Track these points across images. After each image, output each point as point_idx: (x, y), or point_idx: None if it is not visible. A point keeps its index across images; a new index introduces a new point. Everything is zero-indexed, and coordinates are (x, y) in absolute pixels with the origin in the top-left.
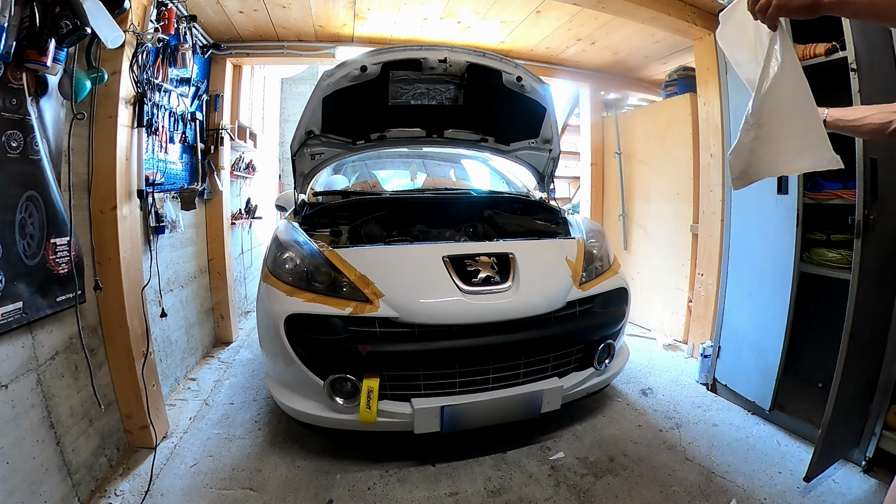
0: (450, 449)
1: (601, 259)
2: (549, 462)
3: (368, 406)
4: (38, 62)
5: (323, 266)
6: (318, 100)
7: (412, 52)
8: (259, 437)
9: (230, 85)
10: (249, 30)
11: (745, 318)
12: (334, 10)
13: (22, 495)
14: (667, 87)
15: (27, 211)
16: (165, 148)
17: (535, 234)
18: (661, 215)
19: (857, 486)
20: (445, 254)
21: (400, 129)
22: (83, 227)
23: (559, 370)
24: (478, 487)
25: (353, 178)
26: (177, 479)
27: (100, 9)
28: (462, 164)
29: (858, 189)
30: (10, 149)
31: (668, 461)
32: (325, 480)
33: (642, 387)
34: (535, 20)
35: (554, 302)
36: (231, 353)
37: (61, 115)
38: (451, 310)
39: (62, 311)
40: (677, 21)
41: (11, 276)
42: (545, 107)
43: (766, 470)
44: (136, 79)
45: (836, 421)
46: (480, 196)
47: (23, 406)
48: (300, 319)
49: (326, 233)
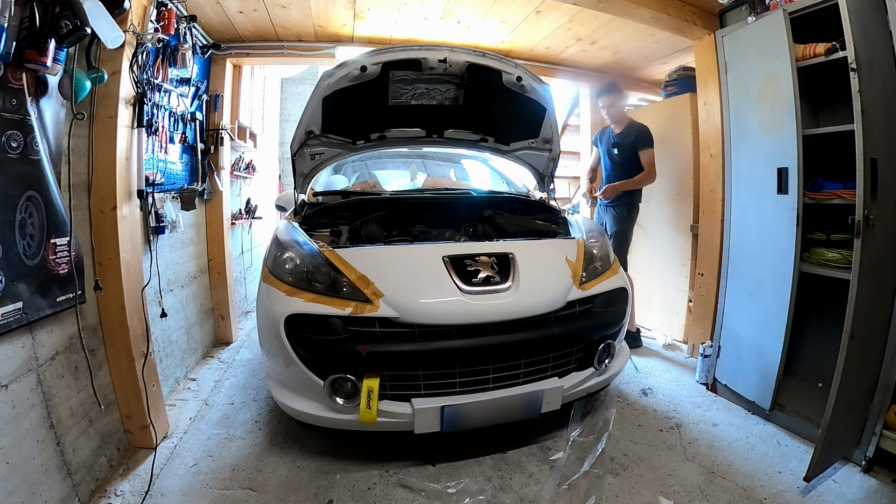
0: (450, 449)
1: (601, 259)
2: (549, 462)
3: (368, 406)
4: (38, 62)
5: (323, 266)
6: (318, 100)
7: (412, 52)
8: (259, 437)
9: (230, 85)
10: (249, 30)
11: (745, 318)
12: (334, 10)
13: (22, 495)
14: (667, 87)
15: (27, 211)
16: (165, 148)
17: (535, 234)
18: (661, 215)
19: (857, 485)
20: (445, 254)
21: (400, 129)
22: (83, 227)
23: (559, 370)
24: (478, 487)
25: (353, 179)
26: (177, 480)
27: (100, 9)
28: (462, 165)
29: (858, 189)
30: (10, 149)
31: (668, 461)
32: (325, 480)
33: (642, 387)
34: (535, 20)
35: (554, 302)
36: (231, 353)
37: (61, 115)
38: (451, 310)
39: (62, 312)
40: (677, 21)
41: (11, 276)
42: (545, 107)
43: (767, 470)
44: (136, 79)
45: (836, 421)
46: (480, 196)
47: (23, 406)
48: (300, 319)
49: (326, 233)
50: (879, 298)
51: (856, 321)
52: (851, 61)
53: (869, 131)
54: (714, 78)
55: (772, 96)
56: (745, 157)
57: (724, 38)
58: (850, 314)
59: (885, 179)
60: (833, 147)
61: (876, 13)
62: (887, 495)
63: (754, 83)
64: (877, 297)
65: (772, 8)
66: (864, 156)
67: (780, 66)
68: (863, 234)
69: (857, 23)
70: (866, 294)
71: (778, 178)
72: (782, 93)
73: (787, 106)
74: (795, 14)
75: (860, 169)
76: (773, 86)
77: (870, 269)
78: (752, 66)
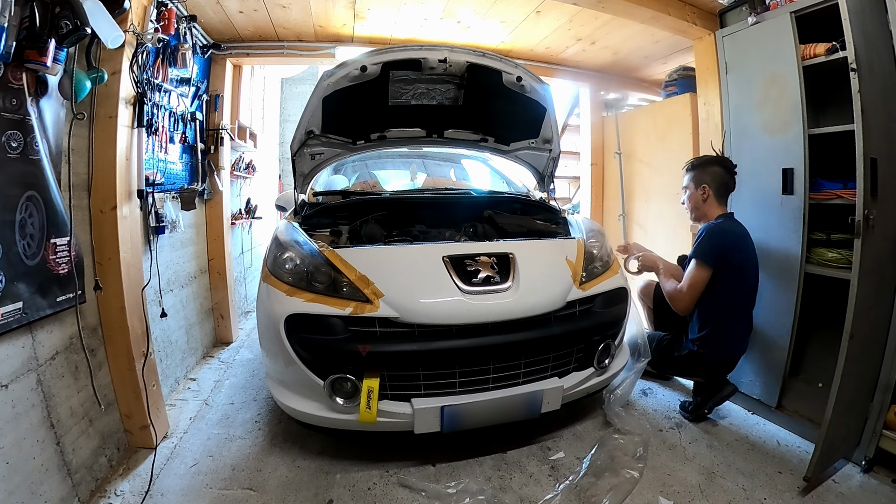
0: (450, 449)
1: (601, 259)
2: (549, 462)
3: (368, 406)
4: (38, 62)
5: (323, 266)
6: (318, 100)
7: (412, 52)
8: (259, 437)
9: (230, 85)
10: (249, 30)
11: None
12: (334, 10)
13: (22, 495)
14: (667, 87)
15: (27, 211)
16: (165, 148)
17: (535, 234)
18: (662, 215)
19: (857, 485)
20: (445, 254)
21: (400, 129)
22: (83, 227)
23: (559, 370)
24: (478, 487)
25: (353, 178)
26: (177, 479)
27: (100, 9)
28: (462, 164)
29: (858, 188)
30: (10, 149)
31: (668, 461)
32: (325, 480)
33: (642, 387)
34: (535, 20)
35: (554, 302)
36: (231, 353)
37: (61, 115)
38: (451, 310)
39: (62, 312)
40: (677, 21)
41: (11, 276)
42: (545, 107)
43: (767, 469)
44: (136, 79)
45: (836, 421)
46: (480, 196)
47: (23, 406)
48: (300, 319)
49: (326, 233)
50: (879, 298)
51: (856, 321)
52: (852, 61)
53: (869, 131)
54: (714, 78)
55: (776, 97)
56: (746, 157)
57: (725, 38)
58: (850, 314)
59: (885, 179)
60: (833, 147)
61: (876, 13)
62: (887, 495)
63: (757, 84)
64: (877, 297)
65: (772, 8)
66: (864, 156)
67: (786, 67)
68: (863, 234)
69: (858, 23)
70: (866, 294)
71: (783, 179)
72: (788, 94)
73: (793, 107)
74: (796, 14)
75: (860, 169)
76: (777, 87)
77: (870, 269)
78: (754, 66)
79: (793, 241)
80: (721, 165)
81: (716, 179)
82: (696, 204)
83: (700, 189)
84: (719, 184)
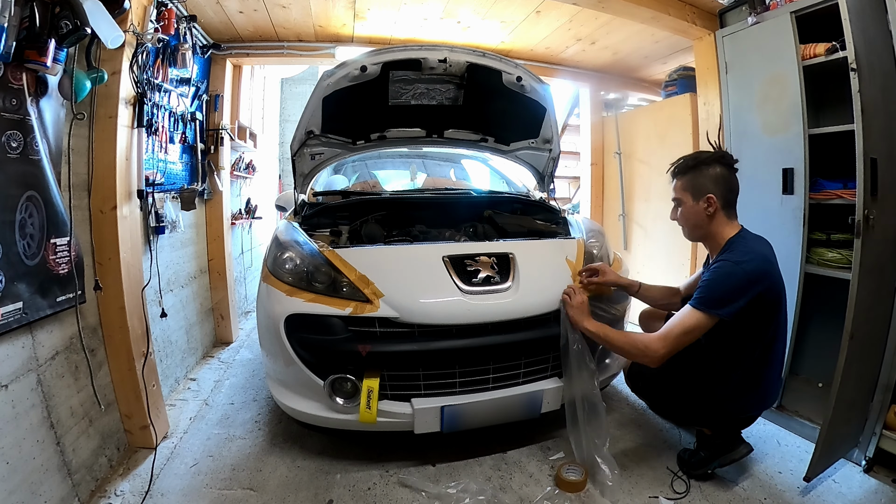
0: (450, 449)
1: (601, 259)
2: (549, 462)
3: (368, 406)
4: (38, 62)
5: (323, 266)
6: (318, 100)
7: (412, 52)
8: (259, 437)
9: (230, 85)
10: (249, 30)
11: None
12: (334, 10)
13: (22, 495)
14: (667, 87)
15: (27, 211)
16: (165, 148)
17: (535, 234)
18: (662, 215)
19: (857, 485)
20: (445, 254)
21: (400, 129)
22: (83, 227)
23: (559, 370)
24: (478, 487)
25: (353, 178)
26: (177, 480)
27: (100, 9)
28: (462, 165)
29: (858, 188)
30: (10, 149)
31: (668, 461)
32: (325, 480)
33: None
34: (535, 20)
35: (554, 302)
36: (231, 353)
37: (61, 115)
38: (451, 310)
39: (62, 312)
40: (677, 21)
41: (11, 276)
42: (545, 107)
43: (766, 469)
44: (136, 79)
45: (836, 421)
46: (480, 196)
47: (23, 406)
48: (300, 319)
49: (326, 233)
50: (879, 298)
51: (856, 321)
52: (851, 61)
53: (869, 131)
54: (714, 78)
55: (777, 97)
56: (746, 157)
57: (725, 38)
58: (850, 314)
59: (885, 179)
60: (833, 147)
61: (876, 13)
62: (887, 495)
63: (757, 84)
64: (877, 297)
65: (772, 8)
66: (864, 156)
67: (786, 67)
68: (863, 234)
69: (857, 23)
70: (866, 294)
71: (783, 179)
72: (788, 94)
73: (793, 107)
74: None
75: (860, 169)
76: (778, 87)
77: (870, 269)
78: (754, 66)
79: (793, 241)
80: (722, 163)
81: (720, 184)
82: (699, 222)
83: (703, 201)
84: (725, 190)
